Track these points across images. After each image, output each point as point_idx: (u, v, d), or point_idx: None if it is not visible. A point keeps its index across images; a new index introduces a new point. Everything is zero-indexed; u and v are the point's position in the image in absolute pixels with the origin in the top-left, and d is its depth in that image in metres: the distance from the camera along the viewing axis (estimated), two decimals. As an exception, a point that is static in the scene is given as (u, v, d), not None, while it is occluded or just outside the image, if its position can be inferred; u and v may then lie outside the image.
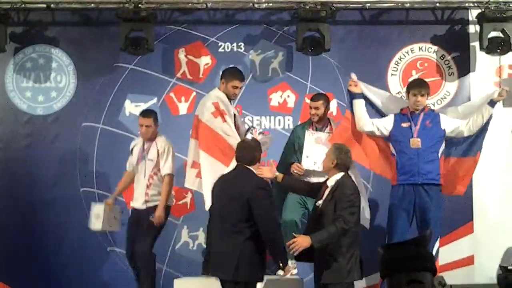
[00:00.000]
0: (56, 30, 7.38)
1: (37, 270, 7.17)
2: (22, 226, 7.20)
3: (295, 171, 6.15)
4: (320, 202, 5.25)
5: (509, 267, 4.61)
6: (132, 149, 6.46)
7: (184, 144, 6.24)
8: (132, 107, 7.32)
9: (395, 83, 7.37)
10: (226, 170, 5.52)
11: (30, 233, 7.19)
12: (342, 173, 5.30)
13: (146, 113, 6.47)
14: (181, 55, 7.40)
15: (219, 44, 7.42)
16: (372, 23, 7.41)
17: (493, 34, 7.00)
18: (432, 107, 7.33)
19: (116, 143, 7.19)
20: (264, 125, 7.31)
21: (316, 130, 6.30)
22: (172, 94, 7.39)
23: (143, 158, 6.33)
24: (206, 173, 5.83)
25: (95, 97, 7.31)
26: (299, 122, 6.83)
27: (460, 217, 6.60)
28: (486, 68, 7.32)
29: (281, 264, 5.24)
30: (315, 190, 5.39)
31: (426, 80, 7.33)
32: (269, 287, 5.64)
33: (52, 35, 7.36)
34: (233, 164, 5.41)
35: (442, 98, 7.39)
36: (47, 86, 7.37)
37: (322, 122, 6.32)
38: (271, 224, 4.95)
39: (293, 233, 5.17)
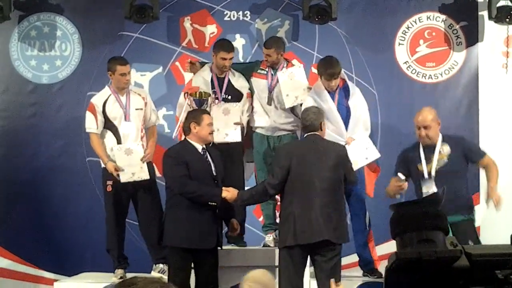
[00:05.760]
0: (61, -2, 7.33)
1: (42, 239, 7.18)
2: (28, 195, 7.20)
3: None
4: None
5: None
6: (103, 107, 6.01)
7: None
8: (137, 76, 7.24)
9: (403, 53, 7.31)
10: None
11: (36, 202, 7.19)
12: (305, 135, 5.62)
13: (124, 60, 6.16)
14: (187, 23, 7.33)
15: (225, 13, 7.34)
16: (379, -9, 7.34)
17: (502, 3, 6.92)
18: (440, 77, 7.32)
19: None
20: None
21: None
22: (177, 63, 7.33)
23: (127, 110, 6.07)
24: None
25: (100, 66, 7.22)
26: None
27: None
28: (494, 38, 7.24)
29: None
30: None
31: (434, 50, 7.33)
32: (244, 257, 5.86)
33: (56, 2, 7.27)
34: None
35: (449, 68, 7.32)
36: (52, 54, 7.32)
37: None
38: None
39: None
